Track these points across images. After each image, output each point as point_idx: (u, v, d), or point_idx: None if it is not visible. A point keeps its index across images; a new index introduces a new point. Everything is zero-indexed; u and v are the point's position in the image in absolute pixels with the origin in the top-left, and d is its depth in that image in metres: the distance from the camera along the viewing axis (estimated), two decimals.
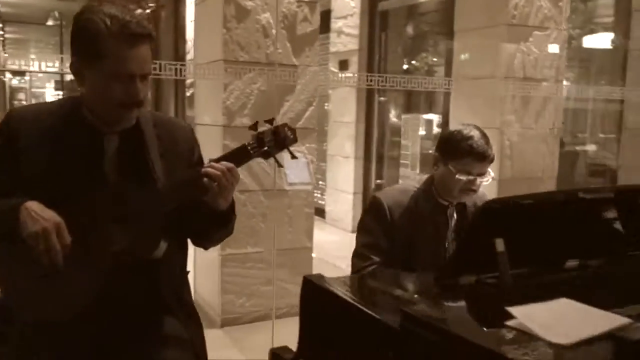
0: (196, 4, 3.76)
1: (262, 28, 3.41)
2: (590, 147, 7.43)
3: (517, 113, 4.28)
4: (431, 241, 1.88)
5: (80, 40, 1.32)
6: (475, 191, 1.86)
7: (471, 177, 1.81)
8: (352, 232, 6.22)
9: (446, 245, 1.91)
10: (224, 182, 1.32)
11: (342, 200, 6.15)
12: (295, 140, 1.38)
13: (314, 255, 3.89)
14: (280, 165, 1.44)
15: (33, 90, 22.23)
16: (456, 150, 1.80)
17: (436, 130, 10.35)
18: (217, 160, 1.35)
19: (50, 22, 14.77)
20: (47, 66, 3.23)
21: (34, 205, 1.26)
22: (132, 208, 1.30)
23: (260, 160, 1.43)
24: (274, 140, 1.36)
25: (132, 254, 1.31)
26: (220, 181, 1.31)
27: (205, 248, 1.55)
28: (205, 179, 1.31)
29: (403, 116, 6.38)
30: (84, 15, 1.32)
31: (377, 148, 6.01)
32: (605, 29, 7.54)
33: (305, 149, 3.61)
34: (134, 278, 1.36)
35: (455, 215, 1.92)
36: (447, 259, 1.79)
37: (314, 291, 1.42)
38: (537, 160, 4.37)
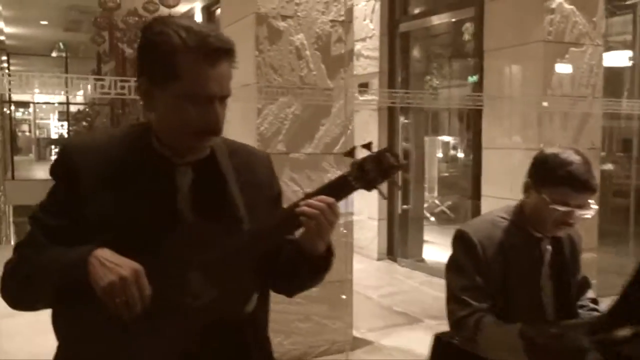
0: (224, 27, 3.61)
1: (295, 50, 3.26)
2: (607, 167, 7.24)
3: (556, 133, 4.11)
4: (525, 279, 1.66)
5: (151, 57, 1.13)
6: (572, 225, 1.64)
7: (568, 209, 1.59)
8: (378, 259, 6.00)
9: (540, 284, 1.69)
10: (324, 221, 1.12)
11: (367, 227, 5.93)
12: (399, 167, 1.18)
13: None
14: (384, 197, 1.24)
15: (37, 121, 22.18)
16: (552, 177, 1.59)
17: (452, 152, 10.21)
18: (313, 195, 1.15)
19: (54, 54, 14.76)
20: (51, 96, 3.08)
21: (105, 253, 1.07)
22: (216, 254, 1.11)
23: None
24: (377, 169, 1.16)
25: (220, 309, 1.10)
26: (320, 220, 1.12)
27: (290, 296, 1.35)
28: (303, 218, 1.12)
29: (426, 138, 6.22)
30: (155, 28, 1.13)
31: (402, 172, 5.81)
32: (626, 46, 7.44)
33: None
34: (220, 339, 1.15)
35: (549, 248, 1.71)
36: (610, 309, 1.55)
37: (451, 353, 1.22)
38: None
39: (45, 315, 1.18)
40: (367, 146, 1.21)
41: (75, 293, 1.06)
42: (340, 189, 1.16)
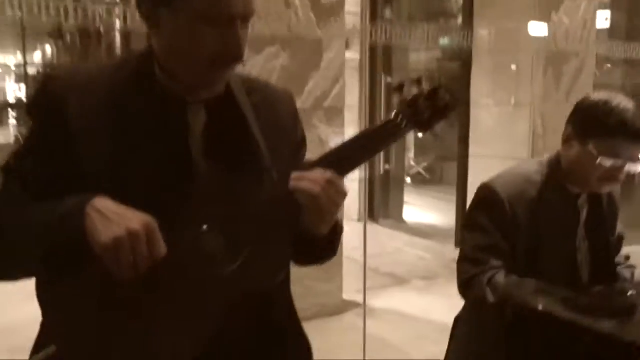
0: None
1: None
2: None
3: (548, 89, 3.99)
4: (559, 240, 1.50)
5: None
6: (619, 181, 1.46)
7: (619, 163, 1.41)
8: (359, 221, 5.87)
9: (577, 244, 1.54)
10: (325, 201, 0.91)
11: (347, 187, 5.78)
12: (456, 106, 1.01)
13: None
14: (439, 139, 1.07)
15: None
16: (602, 127, 1.40)
17: None
18: (352, 144, 0.97)
19: (9, 12, 13.94)
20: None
21: (106, 203, 0.86)
22: (240, 211, 0.92)
23: None
24: (432, 108, 0.98)
25: (250, 279, 0.91)
26: (320, 200, 0.90)
27: (299, 266, 1.16)
28: (299, 197, 0.91)
29: None
30: None
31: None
32: (603, 6, 7.36)
33: (332, 133, 3.24)
34: (249, 315, 0.97)
35: (586, 206, 1.56)
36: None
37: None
38: None
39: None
40: (418, 81, 1.03)
41: (68, 256, 0.86)
42: (387, 132, 0.98)
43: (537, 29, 3.87)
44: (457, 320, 1.67)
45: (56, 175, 0.93)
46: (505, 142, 4.07)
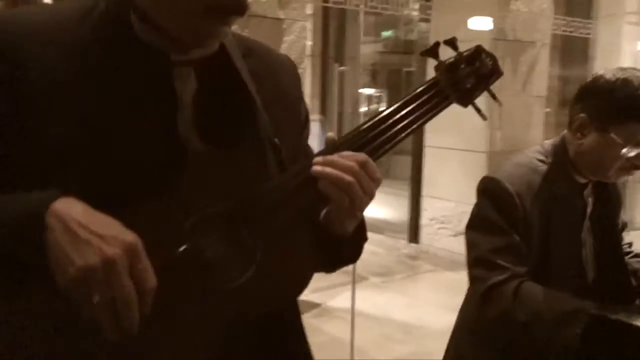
0: None
1: None
2: None
3: (505, 79, 3.94)
4: (566, 234, 1.36)
5: None
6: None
7: None
8: None
9: (582, 238, 1.40)
10: (358, 191, 0.72)
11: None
12: (500, 74, 0.84)
13: None
14: (484, 118, 0.88)
15: None
16: (625, 110, 1.24)
17: (375, 106, 9.99)
18: (374, 126, 0.76)
19: None
20: None
21: (74, 209, 0.62)
22: (246, 203, 0.71)
23: None
24: (475, 75, 0.81)
25: (264, 296, 0.71)
26: (352, 190, 0.72)
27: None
28: (324, 185, 0.72)
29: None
30: None
31: (337, 126, 5.49)
32: None
33: None
34: (259, 339, 0.77)
35: (592, 196, 1.40)
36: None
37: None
38: (525, 131, 4.07)
39: None
40: (452, 43, 0.85)
41: (21, 272, 0.63)
42: (427, 103, 0.79)
43: (482, 22, 3.82)
44: (457, 329, 1.50)
45: (6, 153, 0.69)
46: (460, 134, 3.99)
